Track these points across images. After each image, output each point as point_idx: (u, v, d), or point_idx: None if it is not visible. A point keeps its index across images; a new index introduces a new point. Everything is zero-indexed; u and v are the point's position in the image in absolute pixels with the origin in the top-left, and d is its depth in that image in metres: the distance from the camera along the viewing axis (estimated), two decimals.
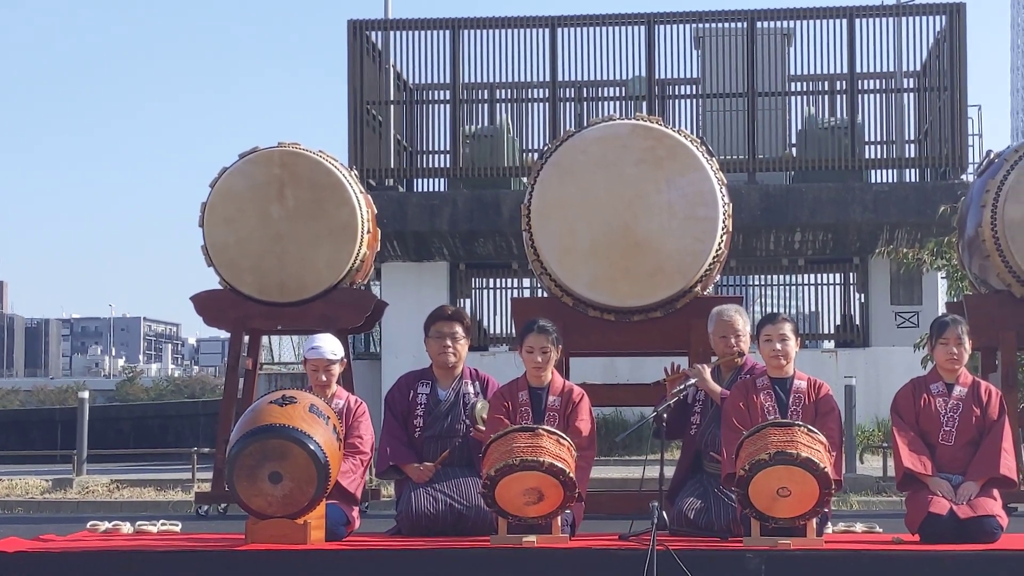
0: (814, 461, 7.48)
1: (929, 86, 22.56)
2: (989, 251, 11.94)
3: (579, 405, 8.59)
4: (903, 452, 8.33)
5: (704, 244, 11.25)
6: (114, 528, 9.04)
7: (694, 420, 8.93)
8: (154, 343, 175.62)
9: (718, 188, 11.27)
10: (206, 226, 13.08)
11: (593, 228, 11.28)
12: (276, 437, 7.73)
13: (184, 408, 34.41)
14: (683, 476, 8.88)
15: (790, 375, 8.46)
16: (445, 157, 23.17)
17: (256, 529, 7.84)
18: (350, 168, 13.72)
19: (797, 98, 23.77)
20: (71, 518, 13.92)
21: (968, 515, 8.02)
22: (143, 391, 74.14)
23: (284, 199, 12.94)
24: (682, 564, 7.31)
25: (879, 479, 16.23)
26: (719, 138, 22.25)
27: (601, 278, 11.32)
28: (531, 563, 7.64)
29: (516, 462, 7.62)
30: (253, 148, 13.19)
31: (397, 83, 23.44)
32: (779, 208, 21.51)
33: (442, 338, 9.05)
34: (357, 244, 12.96)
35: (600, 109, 23.05)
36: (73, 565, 7.81)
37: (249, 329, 13.37)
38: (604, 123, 11.57)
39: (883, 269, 22.53)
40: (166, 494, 17.09)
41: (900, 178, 23.02)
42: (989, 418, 8.44)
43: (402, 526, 8.72)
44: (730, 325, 8.94)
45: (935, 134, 22.08)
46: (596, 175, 11.30)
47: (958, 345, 8.49)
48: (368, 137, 22.36)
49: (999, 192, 11.86)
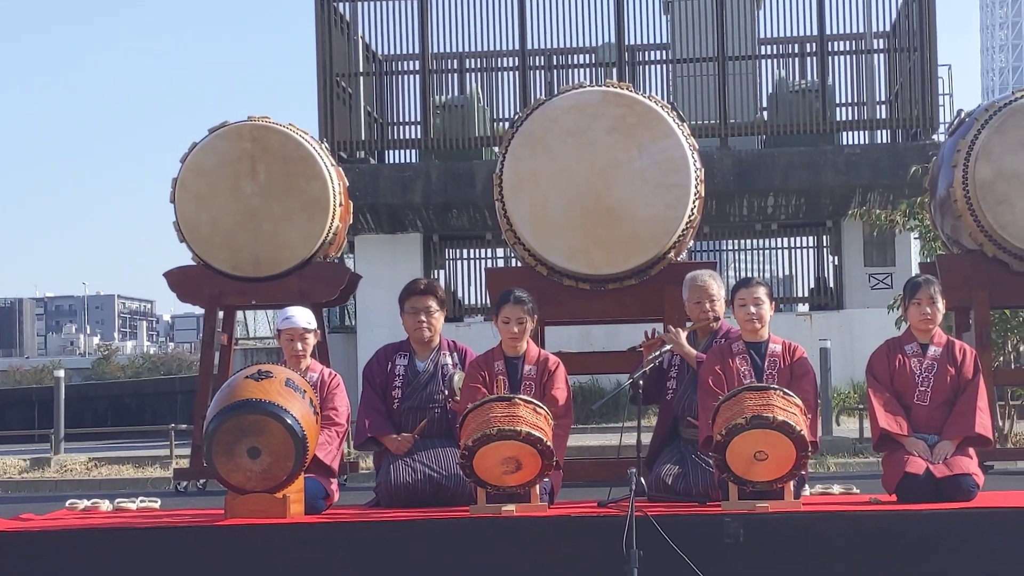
0: (790, 424, 7.50)
1: (899, 47, 22.56)
2: (961, 211, 11.98)
3: (555, 373, 8.61)
4: (879, 413, 8.37)
5: (677, 211, 11.26)
6: (93, 506, 9.03)
7: (670, 386, 8.94)
8: (129, 320, 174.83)
9: (690, 154, 11.28)
10: (177, 202, 13.03)
11: (565, 197, 11.27)
12: (253, 412, 7.72)
13: (161, 385, 34.29)
14: (660, 442, 8.90)
15: (765, 339, 8.48)
16: (416, 128, 23.09)
17: (235, 504, 7.85)
18: (320, 141, 13.67)
19: (767, 62, 23.76)
20: (50, 497, 13.90)
21: (944, 474, 8.06)
22: (119, 369, 73.91)
23: (255, 174, 12.90)
24: (661, 529, 7.33)
25: (855, 441, 16.30)
26: (690, 104, 22.24)
27: (575, 247, 11.32)
28: (511, 532, 7.66)
29: (493, 432, 7.63)
30: (223, 123, 13.13)
31: (366, 54, 23.34)
32: (751, 173, 21.52)
33: (416, 313, 9.04)
34: (329, 217, 12.93)
35: (570, 77, 23.01)
36: (52, 544, 7.80)
37: (223, 305, 13.34)
38: (574, 91, 11.55)
39: (856, 231, 22.58)
40: (145, 471, 17.06)
41: (872, 140, 23.04)
42: (964, 377, 8.48)
43: (381, 498, 8.73)
44: (704, 290, 8.96)
45: (906, 95, 22.09)
46: (567, 143, 11.29)
47: (931, 305, 8.52)
48: (338, 110, 22.27)
49: (970, 152, 11.89)
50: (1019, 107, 11.97)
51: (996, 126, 11.88)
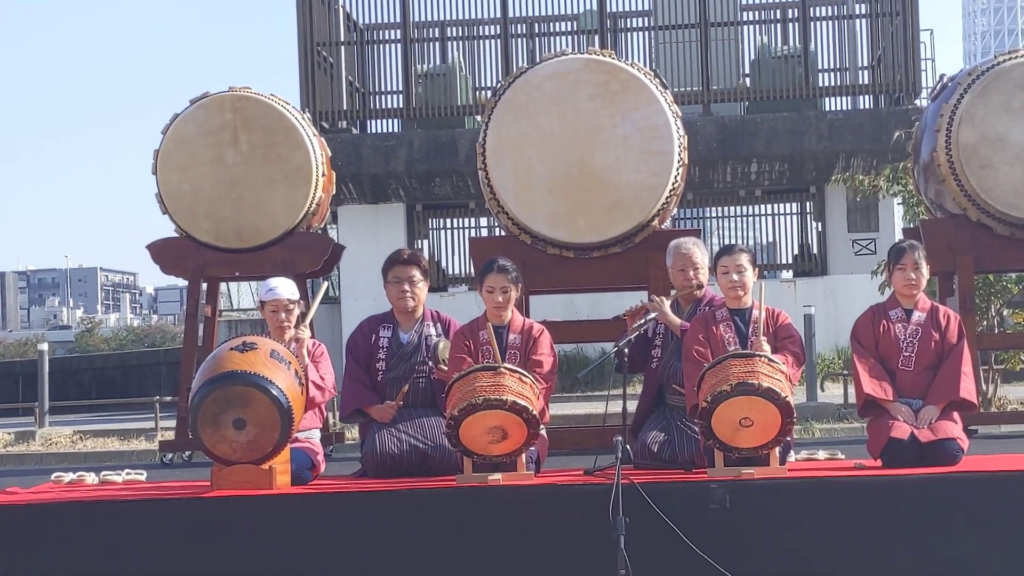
0: (775, 391, 7.51)
1: (881, 11, 22.54)
2: (944, 176, 11.98)
3: (539, 339, 8.61)
4: (863, 379, 8.38)
5: (660, 178, 11.24)
6: (79, 479, 9.03)
7: (655, 354, 8.95)
8: (112, 293, 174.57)
9: (673, 121, 11.26)
10: (159, 173, 12.98)
11: (549, 165, 11.25)
12: (238, 384, 7.71)
13: (145, 357, 34.22)
14: (646, 410, 8.91)
15: (748, 305, 8.49)
16: (398, 97, 23.06)
17: (221, 476, 7.84)
18: (302, 111, 13.63)
19: (750, 27, 23.75)
20: (35, 470, 13.88)
21: (929, 439, 8.09)
22: (103, 342, 73.78)
23: (237, 144, 12.84)
24: (647, 497, 7.35)
25: (840, 406, 16.34)
26: (672, 70, 22.24)
27: (558, 215, 11.30)
28: (497, 501, 7.67)
29: (479, 401, 7.63)
30: (204, 93, 13.07)
31: (347, 24, 23.27)
32: (735, 139, 21.52)
33: (400, 283, 9.01)
34: (312, 188, 12.89)
35: (552, 44, 22.97)
36: (38, 517, 7.80)
37: (207, 276, 13.30)
38: (557, 58, 11.52)
39: (839, 197, 22.60)
40: (130, 443, 17.06)
41: (854, 105, 23.06)
42: (948, 342, 8.50)
43: (367, 468, 8.73)
44: (688, 258, 8.96)
45: (888, 60, 22.10)
46: (550, 111, 11.27)
47: (915, 270, 8.53)
48: (320, 79, 22.21)
49: (952, 116, 11.87)
50: (1002, 71, 11.95)
51: (979, 90, 11.86)
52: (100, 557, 7.66)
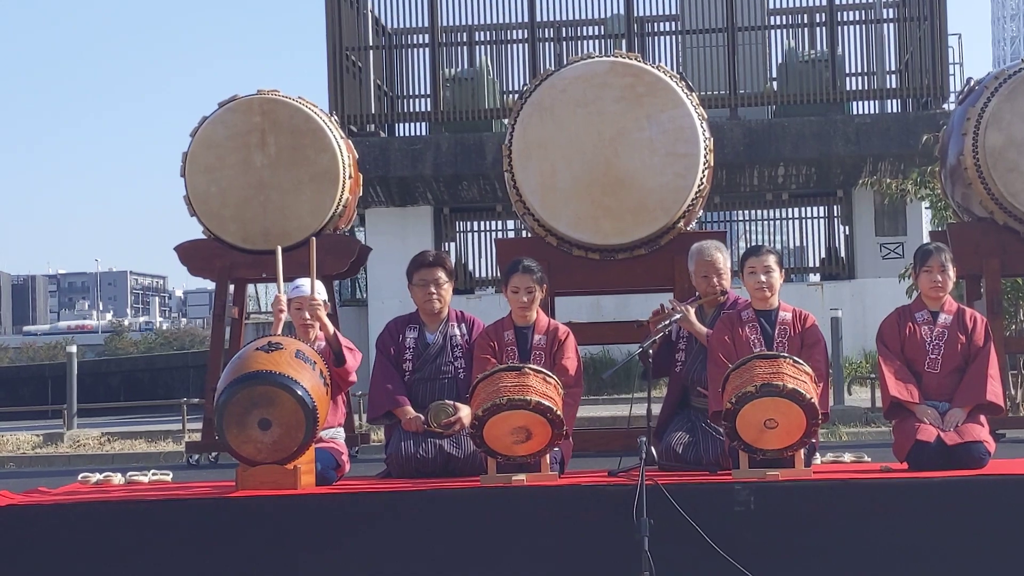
0: (800, 392, 7.48)
1: (909, 16, 22.50)
2: (971, 179, 11.96)
3: (565, 343, 8.59)
4: (889, 381, 8.34)
5: (686, 180, 11.25)
6: (105, 479, 9.05)
7: (679, 357, 8.93)
8: (141, 296, 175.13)
9: (699, 123, 11.26)
10: (188, 175, 13.06)
11: (574, 167, 11.27)
12: (263, 384, 7.71)
13: (173, 360, 34.36)
14: (670, 412, 8.89)
15: (775, 307, 8.45)
16: (426, 101, 23.10)
17: (247, 476, 7.85)
18: (330, 114, 13.67)
19: (777, 32, 23.72)
20: (63, 471, 13.96)
21: (955, 442, 8.05)
22: (132, 345, 74.07)
23: (265, 146, 12.91)
24: (671, 498, 7.33)
25: (867, 410, 16.31)
26: (699, 74, 22.20)
27: (584, 216, 11.32)
28: (521, 501, 7.66)
29: (503, 401, 7.62)
30: (232, 96, 13.13)
31: (376, 28, 23.34)
32: (762, 143, 21.50)
33: (425, 285, 9.01)
34: (339, 190, 12.94)
35: (579, 48, 23.01)
36: (65, 517, 7.81)
37: (234, 277, 13.36)
38: (583, 61, 11.55)
39: (867, 201, 22.55)
40: (157, 445, 17.13)
41: (882, 109, 23.00)
42: (975, 345, 8.45)
43: (392, 469, 8.73)
44: (711, 264, 8.86)
45: (916, 64, 22.04)
46: (576, 113, 11.29)
47: (942, 272, 8.49)
48: (348, 83, 22.27)
49: (980, 120, 11.86)
50: None
51: (1006, 94, 11.85)
52: (126, 557, 7.68)
